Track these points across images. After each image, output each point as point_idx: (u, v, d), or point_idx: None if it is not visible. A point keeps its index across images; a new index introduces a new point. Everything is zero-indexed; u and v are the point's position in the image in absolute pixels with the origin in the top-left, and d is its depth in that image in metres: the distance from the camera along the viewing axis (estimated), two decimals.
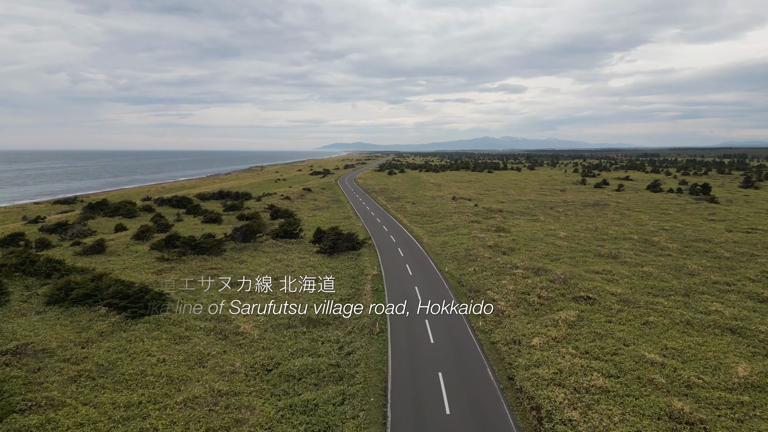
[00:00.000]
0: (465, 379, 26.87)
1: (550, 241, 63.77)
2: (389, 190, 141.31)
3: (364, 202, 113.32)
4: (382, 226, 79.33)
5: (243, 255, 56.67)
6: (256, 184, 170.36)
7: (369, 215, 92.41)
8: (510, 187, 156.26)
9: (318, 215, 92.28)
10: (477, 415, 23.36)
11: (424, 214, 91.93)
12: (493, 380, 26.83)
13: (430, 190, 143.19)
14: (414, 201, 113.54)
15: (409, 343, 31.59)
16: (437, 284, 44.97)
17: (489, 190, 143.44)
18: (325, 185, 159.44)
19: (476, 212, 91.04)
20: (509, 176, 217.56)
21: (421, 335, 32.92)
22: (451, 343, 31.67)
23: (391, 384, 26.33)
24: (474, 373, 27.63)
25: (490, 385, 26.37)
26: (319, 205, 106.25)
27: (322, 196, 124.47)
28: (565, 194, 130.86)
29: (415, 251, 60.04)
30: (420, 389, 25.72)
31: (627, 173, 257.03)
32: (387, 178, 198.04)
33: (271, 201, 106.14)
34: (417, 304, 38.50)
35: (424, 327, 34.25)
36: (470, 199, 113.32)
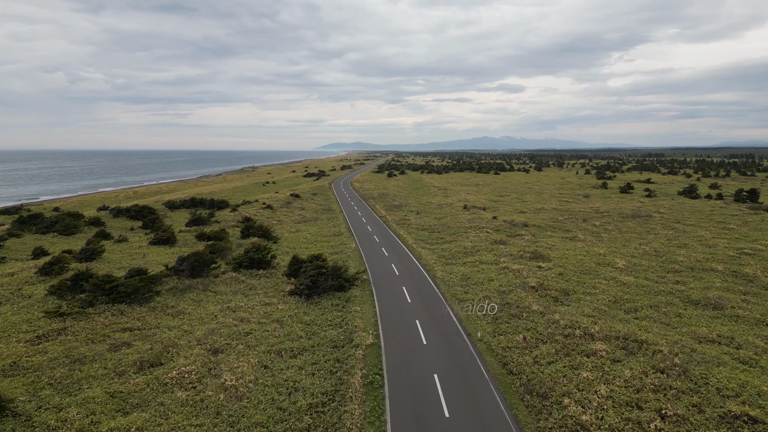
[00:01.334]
0: None
1: (609, 275, 46.95)
2: (389, 196, 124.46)
3: (359, 212, 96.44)
4: (381, 247, 62.38)
5: (184, 300, 39.84)
6: (241, 189, 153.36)
7: (364, 230, 75.52)
8: (524, 191, 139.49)
9: (302, 231, 75.37)
10: None
11: (432, 229, 75.07)
12: None
13: (436, 195, 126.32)
14: (418, 210, 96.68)
15: None
16: (472, 377, 27.10)
17: (502, 196, 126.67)
18: (318, 190, 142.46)
19: (497, 227, 74.14)
20: (518, 178, 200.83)
21: None
22: None
23: None
24: None
25: None
26: (306, 217, 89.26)
27: (312, 204, 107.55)
28: (590, 201, 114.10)
29: (427, 294, 43.10)
30: None
31: (642, 174, 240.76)
32: (386, 181, 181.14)
33: (250, 211, 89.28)
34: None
35: None
36: (485, 209, 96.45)
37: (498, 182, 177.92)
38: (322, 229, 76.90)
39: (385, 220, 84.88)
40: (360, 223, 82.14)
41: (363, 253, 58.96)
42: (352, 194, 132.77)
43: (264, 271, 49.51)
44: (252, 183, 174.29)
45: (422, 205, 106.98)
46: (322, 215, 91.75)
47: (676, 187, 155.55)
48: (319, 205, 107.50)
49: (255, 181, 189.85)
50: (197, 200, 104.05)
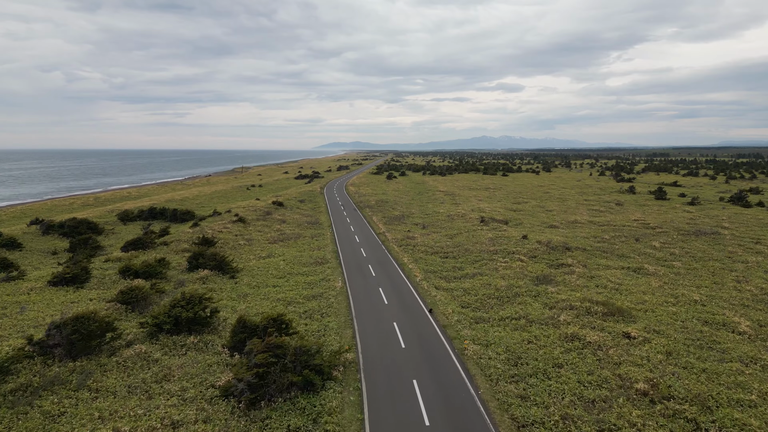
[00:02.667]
0: None
1: (743, 353, 29.27)
2: (389, 204, 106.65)
3: (352, 227, 78.60)
4: (379, 288, 44.45)
5: (29, 418, 22.12)
6: (221, 194, 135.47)
7: (357, 256, 57.70)
8: (542, 196, 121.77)
9: (276, 255, 57.51)
10: None
11: (446, 253, 57.27)
12: None
13: (443, 203, 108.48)
14: (424, 224, 78.89)
15: None
16: None
17: (520, 203, 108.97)
18: (307, 195, 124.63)
19: (531, 251, 56.26)
20: (529, 180, 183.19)
21: None
22: None
23: None
24: None
25: None
26: (286, 234, 71.30)
27: (296, 215, 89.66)
28: (626, 210, 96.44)
29: (456, 400, 25.20)
30: None
31: (660, 176, 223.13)
32: (385, 184, 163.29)
33: (215, 226, 71.51)
34: None
35: None
36: (506, 222, 78.65)
37: (509, 185, 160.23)
38: (302, 252, 59.03)
39: (384, 240, 67.04)
40: (352, 245, 64.32)
41: (352, 299, 41.03)
42: (346, 201, 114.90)
43: (196, 337, 31.86)
44: (235, 186, 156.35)
45: (428, 216, 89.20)
46: (305, 231, 73.87)
47: (708, 191, 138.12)
48: (304, 216, 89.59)
49: (240, 184, 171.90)
50: (157, 211, 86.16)
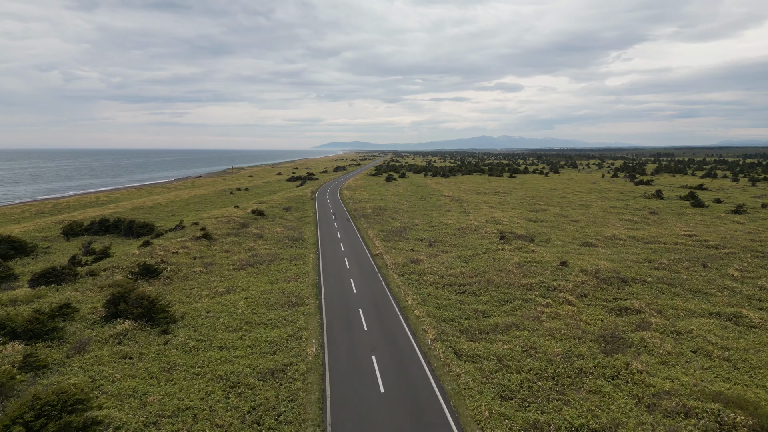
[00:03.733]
0: None
1: None
2: (388, 212, 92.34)
3: (342, 245, 64.36)
4: (371, 356, 30.07)
5: None
6: (199, 199, 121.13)
7: (345, 292, 43.46)
8: (561, 202, 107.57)
9: (237, 290, 43.22)
10: None
11: (463, 287, 43.05)
12: None
13: (450, 211, 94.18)
14: (431, 241, 64.62)
15: None
16: None
17: (538, 211, 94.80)
18: (295, 201, 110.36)
19: (580, 288, 41.86)
20: (539, 183, 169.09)
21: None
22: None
23: None
24: None
25: None
26: (259, 255, 56.86)
27: (277, 228, 75.35)
28: (665, 220, 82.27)
29: None
30: None
31: (676, 178, 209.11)
32: (384, 188, 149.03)
33: (171, 245, 57.26)
34: None
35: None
36: (532, 239, 64.25)
37: (519, 189, 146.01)
38: (273, 285, 44.75)
39: (381, 265, 52.72)
40: (339, 273, 50.04)
41: (330, 383, 26.58)
42: (339, 209, 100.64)
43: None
44: (219, 190, 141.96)
45: (434, 228, 75.00)
46: (284, 251, 59.50)
47: (740, 195, 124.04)
48: (287, 229, 75.22)
49: (226, 187, 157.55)
50: (109, 223, 71.78)
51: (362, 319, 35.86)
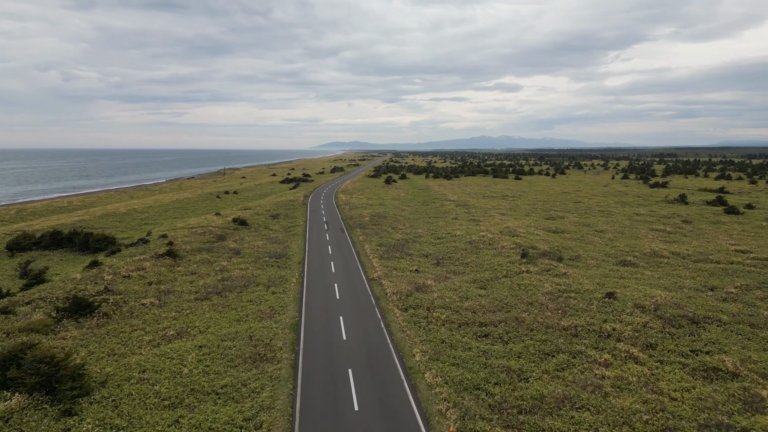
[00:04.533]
0: None
1: None
2: (387, 220, 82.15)
3: (334, 264, 54.19)
4: None
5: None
6: (182, 203, 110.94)
7: (331, 342, 33.30)
8: (578, 209, 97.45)
9: (189, 333, 33.11)
10: None
11: (485, 328, 32.96)
12: None
13: (457, 218, 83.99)
14: (439, 257, 54.46)
15: None
16: None
17: (555, 218, 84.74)
18: (284, 207, 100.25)
19: (642, 334, 31.53)
20: (548, 185, 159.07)
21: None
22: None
23: None
24: None
25: None
26: (230, 278, 46.68)
27: (259, 241, 65.14)
28: (706, 232, 72.26)
29: None
30: None
31: (688, 179, 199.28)
32: (383, 191, 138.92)
33: (125, 266, 47.19)
34: None
35: None
36: (559, 257, 54.00)
37: (528, 192, 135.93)
38: (239, 326, 34.63)
39: (381, 296, 42.53)
40: (327, 307, 39.91)
41: None
42: (333, 217, 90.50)
43: None
44: (206, 194, 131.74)
45: (441, 240, 64.87)
46: (262, 273, 49.33)
47: (766, 199, 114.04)
48: (270, 242, 65.03)
49: (214, 189, 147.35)
50: (63, 236, 61.55)
51: (352, 390, 25.68)
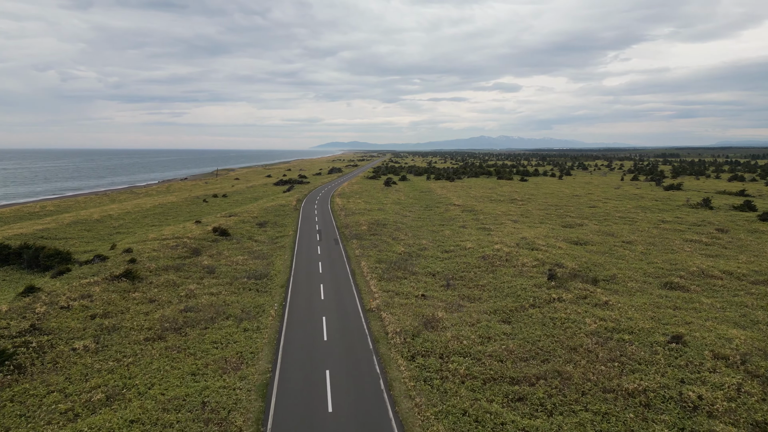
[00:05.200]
0: None
1: None
2: (387, 228, 73.47)
3: (323, 288, 45.51)
4: None
5: None
6: (165, 208, 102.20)
7: (312, 422, 24.79)
8: (595, 215, 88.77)
9: (127, 392, 24.46)
10: None
11: (527, 397, 24.28)
12: None
13: (466, 227, 75.23)
14: (449, 277, 45.82)
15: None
16: None
17: (573, 227, 76.16)
18: (274, 213, 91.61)
19: (743, 411, 22.88)
20: (557, 187, 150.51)
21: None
22: None
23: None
24: None
25: None
26: (195, 308, 37.93)
27: (238, 256, 56.41)
28: (749, 244, 63.57)
29: None
30: None
31: (700, 181, 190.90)
32: (383, 194, 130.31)
33: (66, 293, 38.52)
34: None
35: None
36: (594, 280, 45.31)
37: (537, 195, 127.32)
38: (192, 386, 25.99)
39: (380, 337, 33.72)
40: (312, 354, 31.19)
41: None
42: (327, 224, 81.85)
43: None
44: (192, 197, 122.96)
45: (449, 254, 56.18)
46: (237, 299, 40.63)
47: None
48: (251, 258, 56.28)
49: (203, 192, 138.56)
50: (10, 251, 52.79)
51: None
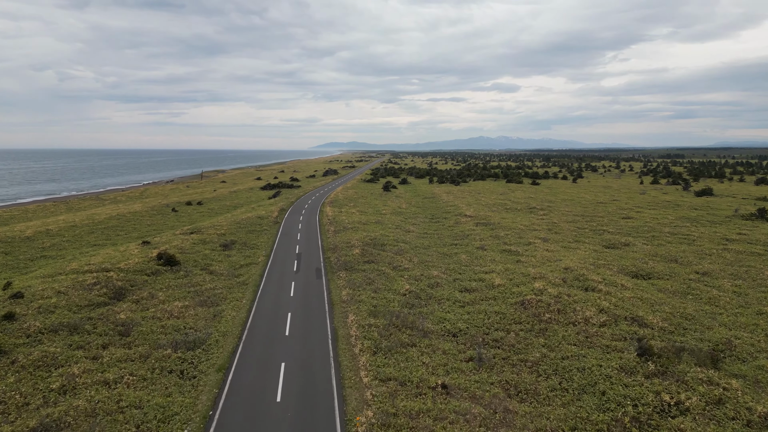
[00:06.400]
0: None
1: None
2: (386, 252, 57.43)
3: (285, 365, 29.65)
4: None
5: None
6: (118, 220, 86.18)
7: None
8: (638, 230, 72.96)
9: None
10: None
11: None
12: None
13: (486, 248, 59.16)
14: (479, 347, 30.04)
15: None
16: None
17: (616, 246, 60.24)
18: (245, 231, 75.73)
19: None
20: (575, 193, 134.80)
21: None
22: None
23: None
24: None
25: None
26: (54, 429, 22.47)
27: (175, 302, 40.44)
28: None
29: None
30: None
31: (725, 183, 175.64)
32: (380, 201, 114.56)
33: None
34: None
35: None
36: (712, 357, 29.34)
37: (556, 201, 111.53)
38: None
39: None
40: None
41: None
42: (310, 245, 65.85)
43: None
44: (160, 205, 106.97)
45: (472, 296, 40.32)
46: (139, 397, 24.84)
47: None
48: (193, 305, 40.23)
49: (176, 199, 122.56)
50: None
51: None
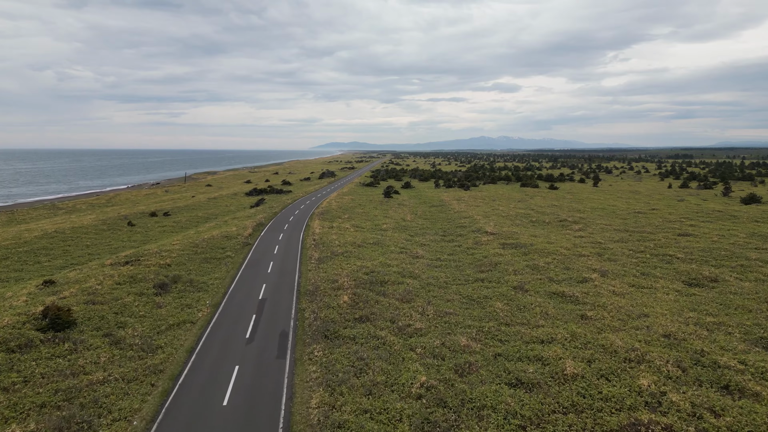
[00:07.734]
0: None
1: None
2: (386, 293, 40.18)
3: None
4: None
5: None
6: (50, 239, 68.94)
7: None
8: (714, 255, 55.39)
9: None
10: None
11: None
12: None
13: (529, 290, 41.72)
14: None
15: None
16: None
17: (703, 286, 42.72)
18: (198, 262, 58.20)
19: None
20: (605, 200, 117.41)
21: None
22: None
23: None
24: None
25: None
26: None
27: (30, 423, 23.36)
28: None
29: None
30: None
31: (759, 187, 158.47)
32: (380, 211, 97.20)
33: None
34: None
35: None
36: None
37: (586, 211, 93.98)
38: None
39: None
40: None
41: None
42: (281, 285, 48.22)
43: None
44: (113, 219, 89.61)
45: (531, 396, 23.05)
46: None
47: None
48: (61, 420, 23.21)
49: (143, 209, 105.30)
50: None
51: None
